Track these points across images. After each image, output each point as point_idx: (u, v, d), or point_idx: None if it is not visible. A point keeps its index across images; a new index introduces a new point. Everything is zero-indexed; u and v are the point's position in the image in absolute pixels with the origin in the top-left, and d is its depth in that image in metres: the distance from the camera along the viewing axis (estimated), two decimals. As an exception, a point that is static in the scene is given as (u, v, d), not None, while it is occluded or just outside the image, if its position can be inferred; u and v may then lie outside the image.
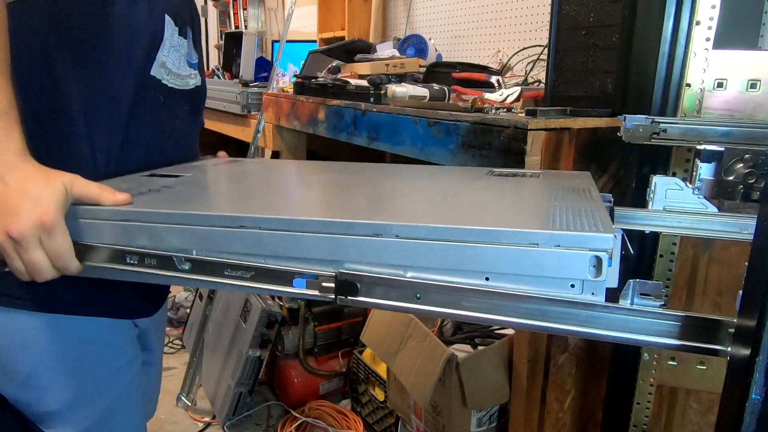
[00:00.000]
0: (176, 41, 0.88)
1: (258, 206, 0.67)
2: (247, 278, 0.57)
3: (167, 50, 0.85)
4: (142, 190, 0.71)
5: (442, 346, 1.31)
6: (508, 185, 0.75)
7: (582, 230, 0.47)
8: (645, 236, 1.01)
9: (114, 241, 0.62)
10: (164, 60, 0.85)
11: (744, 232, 0.69)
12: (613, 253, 0.46)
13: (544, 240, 0.47)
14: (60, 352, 0.80)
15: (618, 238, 0.47)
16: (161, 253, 0.60)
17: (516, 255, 0.48)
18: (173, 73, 0.88)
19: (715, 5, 0.91)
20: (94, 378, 0.85)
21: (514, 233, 0.48)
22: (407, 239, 0.51)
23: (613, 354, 1.12)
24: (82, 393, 0.84)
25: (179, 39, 0.89)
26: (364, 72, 1.67)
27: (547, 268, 0.48)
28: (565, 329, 0.47)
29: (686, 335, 0.44)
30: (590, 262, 0.46)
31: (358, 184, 0.82)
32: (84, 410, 0.84)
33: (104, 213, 0.62)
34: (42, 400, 0.81)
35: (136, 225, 0.61)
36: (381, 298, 0.53)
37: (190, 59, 0.93)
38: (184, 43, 0.91)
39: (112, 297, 0.84)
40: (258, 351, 1.91)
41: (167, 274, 0.60)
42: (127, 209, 0.62)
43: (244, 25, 4.16)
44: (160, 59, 0.84)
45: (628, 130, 0.88)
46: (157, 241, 0.60)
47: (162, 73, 0.85)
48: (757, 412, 0.33)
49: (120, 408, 0.89)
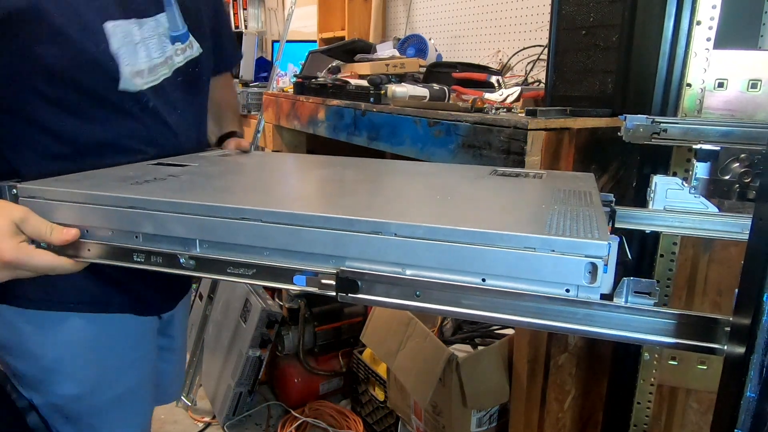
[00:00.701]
0: (146, 32, 0.82)
1: (261, 199, 0.68)
2: (249, 275, 0.58)
3: (133, 54, 0.80)
4: (148, 178, 0.72)
5: (442, 346, 1.31)
6: (510, 186, 0.75)
7: (578, 236, 0.48)
8: (645, 236, 1.01)
9: (119, 226, 0.63)
10: (132, 68, 0.81)
11: (744, 233, 0.69)
12: (609, 259, 0.47)
13: (540, 244, 0.48)
14: (83, 345, 0.87)
15: (614, 245, 0.47)
16: (166, 251, 0.61)
17: (512, 258, 0.49)
18: (153, 66, 0.84)
19: (715, 5, 0.91)
20: (109, 368, 0.90)
21: (510, 236, 0.49)
22: (406, 238, 0.52)
23: (613, 354, 1.12)
24: (99, 382, 0.90)
25: (148, 23, 0.83)
26: (364, 72, 1.67)
27: (542, 272, 0.48)
28: (562, 327, 0.48)
29: (682, 333, 0.44)
30: (585, 268, 0.47)
31: (360, 180, 0.83)
32: (95, 398, 0.90)
33: (109, 199, 0.64)
34: (63, 385, 0.87)
35: (141, 212, 0.62)
36: (381, 296, 0.53)
37: (175, 30, 0.87)
38: (160, 20, 0.85)
39: (136, 295, 0.90)
40: (258, 351, 1.91)
41: (172, 271, 0.62)
42: (133, 196, 0.63)
43: (244, 25, 4.16)
44: (126, 74, 0.80)
45: (628, 130, 0.88)
46: (161, 228, 0.61)
47: (135, 83, 0.81)
48: (752, 409, 0.34)
49: (127, 399, 0.93)
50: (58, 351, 0.86)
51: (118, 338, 0.91)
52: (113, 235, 0.64)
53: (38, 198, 0.67)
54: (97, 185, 0.69)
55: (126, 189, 0.66)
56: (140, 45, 0.82)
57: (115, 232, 0.64)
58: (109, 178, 0.75)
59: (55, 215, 0.66)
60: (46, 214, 0.66)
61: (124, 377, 0.92)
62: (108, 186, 0.69)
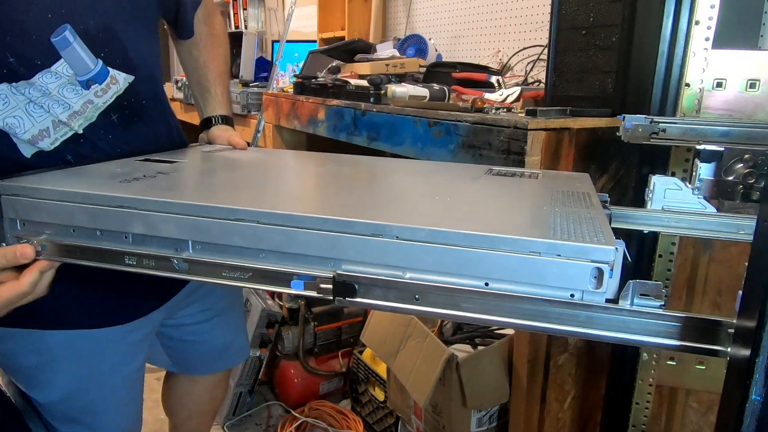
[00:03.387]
0: (39, 90, 0.74)
1: (256, 199, 0.66)
2: (244, 279, 0.57)
3: (23, 119, 0.74)
4: (137, 176, 0.69)
5: (442, 346, 1.31)
6: (508, 186, 0.74)
7: (584, 240, 0.47)
8: (644, 236, 1.01)
9: (107, 226, 0.61)
10: (29, 133, 0.74)
11: (741, 233, 0.69)
12: (615, 264, 0.46)
13: (545, 249, 0.47)
14: (67, 356, 0.86)
15: (620, 251, 0.46)
16: (159, 253, 0.59)
17: (516, 262, 0.48)
18: (59, 122, 0.76)
19: (714, 5, 0.91)
20: (88, 374, 0.89)
21: (514, 240, 0.48)
22: (407, 241, 0.51)
23: (612, 354, 1.12)
24: (78, 387, 0.89)
25: (42, 78, 0.73)
26: (364, 72, 1.67)
27: (547, 277, 0.47)
28: (564, 330, 0.47)
29: (686, 336, 0.44)
30: (591, 273, 0.46)
31: (354, 179, 0.81)
32: (75, 402, 0.90)
33: (98, 198, 0.61)
34: (45, 391, 0.87)
35: (132, 212, 0.59)
36: (379, 299, 0.52)
37: (83, 74, 0.77)
38: (59, 71, 0.74)
39: (115, 304, 0.89)
40: (258, 351, 1.91)
41: (165, 274, 0.60)
42: (123, 195, 0.60)
43: (244, 25, 4.15)
44: (25, 141, 0.74)
45: (627, 130, 0.87)
46: (152, 229, 0.59)
47: (43, 145, 0.76)
48: (757, 412, 0.33)
49: (104, 403, 0.94)
50: (42, 358, 0.85)
51: (101, 349, 0.89)
52: (101, 235, 0.62)
53: (22, 196, 0.64)
54: (85, 183, 0.66)
55: (115, 187, 0.64)
56: (33, 105, 0.75)
57: (104, 233, 0.61)
58: (95, 175, 0.72)
59: (39, 214, 0.63)
60: (30, 213, 0.63)
61: (110, 379, 0.92)
62: (96, 184, 0.66)
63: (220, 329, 1.14)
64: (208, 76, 1.09)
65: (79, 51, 0.75)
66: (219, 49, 1.12)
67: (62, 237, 0.64)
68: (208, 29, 1.09)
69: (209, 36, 1.10)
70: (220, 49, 1.12)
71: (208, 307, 1.10)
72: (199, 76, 1.09)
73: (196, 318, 1.09)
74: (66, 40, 0.74)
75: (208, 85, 1.09)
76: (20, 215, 0.65)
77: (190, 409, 1.27)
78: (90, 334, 0.86)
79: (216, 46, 1.11)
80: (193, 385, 1.24)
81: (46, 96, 0.75)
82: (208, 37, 1.09)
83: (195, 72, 1.10)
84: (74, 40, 0.75)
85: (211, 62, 1.10)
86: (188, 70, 1.11)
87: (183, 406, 1.27)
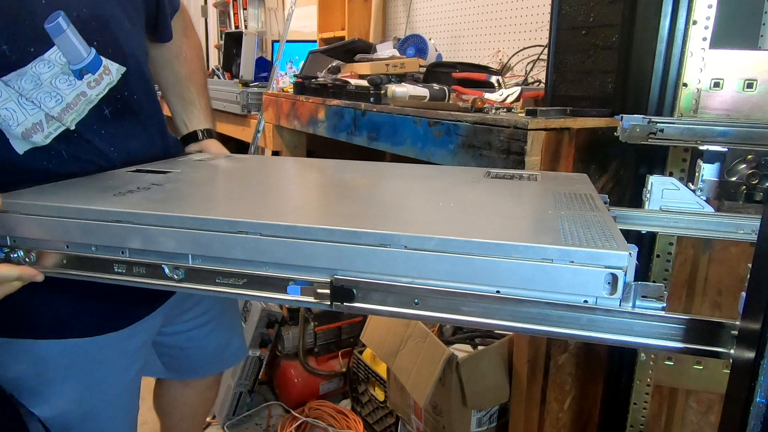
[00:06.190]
0: (32, 81, 0.72)
1: (256, 210, 0.64)
2: (239, 285, 0.55)
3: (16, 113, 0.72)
4: (131, 188, 0.67)
5: (442, 346, 1.31)
6: (510, 189, 0.74)
7: (596, 246, 0.47)
8: (642, 236, 1.01)
9: (103, 242, 0.59)
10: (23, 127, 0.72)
11: (740, 232, 0.69)
12: (628, 270, 0.46)
13: (558, 256, 0.46)
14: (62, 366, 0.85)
15: (633, 255, 0.46)
16: (150, 261, 0.57)
17: (529, 270, 0.47)
18: (53, 116, 0.75)
19: (711, 5, 0.91)
20: (84, 384, 0.88)
21: (527, 248, 0.47)
22: (416, 250, 0.50)
23: (609, 354, 1.12)
24: (73, 397, 0.88)
25: (35, 67, 0.72)
26: (364, 72, 1.67)
27: (560, 284, 0.47)
28: (565, 333, 0.47)
29: (688, 338, 0.43)
30: (605, 279, 0.45)
31: (356, 186, 0.80)
32: (72, 412, 0.88)
33: (93, 213, 0.59)
34: (40, 402, 0.86)
35: (128, 227, 0.57)
36: (378, 304, 0.51)
37: (77, 62, 0.76)
38: (52, 58, 0.73)
39: (118, 309, 0.88)
40: (258, 351, 1.91)
41: (156, 282, 0.58)
42: (118, 209, 0.58)
43: (244, 25, 4.15)
44: (18, 137, 0.72)
45: (625, 130, 0.87)
46: (151, 243, 0.57)
47: (36, 140, 0.74)
48: (762, 415, 0.33)
49: (103, 412, 0.92)
50: (36, 369, 0.84)
51: (96, 357, 0.88)
52: (97, 251, 0.60)
53: (14, 213, 0.61)
54: (77, 197, 0.64)
55: (109, 201, 0.62)
56: (24, 99, 0.73)
57: (99, 248, 0.59)
58: (88, 188, 0.70)
59: (33, 231, 0.61)
60: (24, 230, 0.61)
61: (107, 387, 0.91)
62: (90, 198, 0.64)
63: (215, 333, 1.14)
64: (192, 89, 1.09)
65: (72, 38, 0.74)
66: (200, 61, 1.12)
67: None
68: (188, 42, 1.10)
69: (190, 48, 1.10)
70: (201, 62, 1.13)
71: (203, 312, 1.09)
72: (181, 90, 1.09)
73: (192, 324, 1.08)
74: (59, 26, 0.72)
75: (192, 98, 1.09)
76: (9, 232, 0.63)
77: (183, 411, 1.27)
78: (84, 342, 0.85)
79: (197, 58, 1.11)
80: (185, 388, 1.24)
81: (38, 88, 0.73)
82: (189, 49, 1.10)
83: (176, 86, 1.09)
84: (67, 27, 0.73)
85: (194, 75, 1.10)
86: (167, 83, 1.09)
87: (175, 408, 1.27)
